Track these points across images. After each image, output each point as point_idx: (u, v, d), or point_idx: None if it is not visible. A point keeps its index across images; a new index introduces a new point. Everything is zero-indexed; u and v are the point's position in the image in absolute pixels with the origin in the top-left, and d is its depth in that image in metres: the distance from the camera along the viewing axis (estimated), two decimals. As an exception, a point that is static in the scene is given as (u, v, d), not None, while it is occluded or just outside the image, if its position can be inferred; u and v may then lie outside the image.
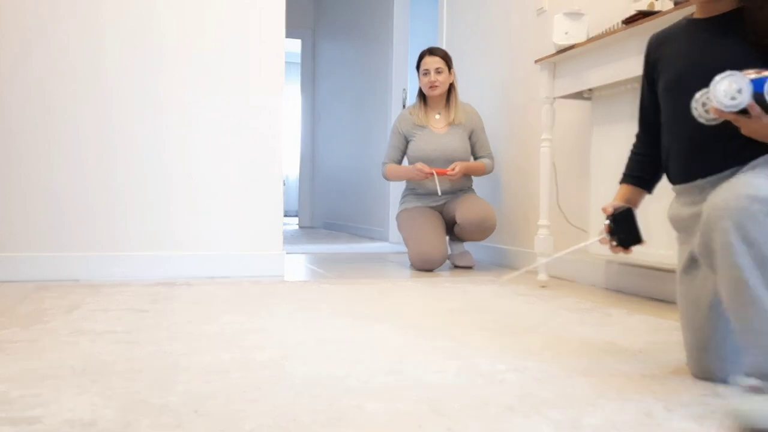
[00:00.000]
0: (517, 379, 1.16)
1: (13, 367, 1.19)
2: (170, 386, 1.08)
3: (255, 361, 1.25)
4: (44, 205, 2.45)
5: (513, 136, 3.23)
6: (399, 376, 1.16)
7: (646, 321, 1.75)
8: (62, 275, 2.45)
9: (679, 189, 1.26)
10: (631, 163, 1.42)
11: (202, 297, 2.03)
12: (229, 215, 2.64)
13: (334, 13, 6.34)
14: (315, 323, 1.63)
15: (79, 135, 2.49)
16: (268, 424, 0.91)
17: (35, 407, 0.97)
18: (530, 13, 3.11)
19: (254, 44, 2.66)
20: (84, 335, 1.46)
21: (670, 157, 1.26)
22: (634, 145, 1.43)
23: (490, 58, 3.46)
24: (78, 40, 2.48)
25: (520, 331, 1.58)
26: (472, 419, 0.95)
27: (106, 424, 0.90)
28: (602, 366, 1.26)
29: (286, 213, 9.58)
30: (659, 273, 2.22)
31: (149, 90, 2.56)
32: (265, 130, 2.68)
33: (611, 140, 2.27)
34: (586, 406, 1.01)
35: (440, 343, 1.43)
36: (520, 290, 2.31)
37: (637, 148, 1.41)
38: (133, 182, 2.54)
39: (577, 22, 2.27)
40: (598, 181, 2.33)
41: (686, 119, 1.17)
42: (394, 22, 4.76)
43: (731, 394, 1.08)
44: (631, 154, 1.43)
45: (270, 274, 2.66)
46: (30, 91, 2.44)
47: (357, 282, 2.44)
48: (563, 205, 2.79)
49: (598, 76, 2.21)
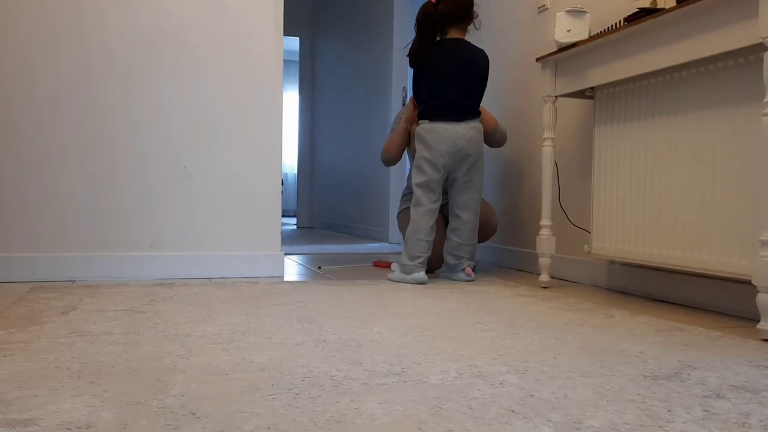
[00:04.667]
0: (517, 381, 1.15)
1: (9, 368, 1.18)
2: (168, 388, 1.07)
3: (253, 362, 1.25)
4: (41, 205, 2.44)
5: (514, 135, 3.22)
6: (399, 377, 1.15)
7: (648, 322, 1.74)
8: (59, 276, 2.44)
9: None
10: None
11: (200, 298, 2.02)
12: (227, 215, 2.63)
13: (333, 11, 6.33)
14: (314, 324, 1.62)
15: (76, 134, 2.48)
16: (267, 426, 0.90)
17: (32, 409, 0.96)
18: (531, 11, 3.10)
19: (252, 42, 2.65)
20: (81, 336, 1.45)
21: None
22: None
23: (491, 56, 3.45)
24: (74, 39, 2.47)
25: (521, 332, 1.57)
26: (473, 421, 0.94)
27: (103, 425, 0.89)
28: (604, 367, 1.25)
29: (284, 213, 9.59)
30: (661, 273, 2.21)
31: (147, 89, 2.55)
32: (264, 130, 2.67)
33: (614, 139, 2.26)
34: (587, 408, 1.00)
35: (440, 344, 1.42)
36: (521, 291, 2.30)
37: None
38: (130, 182, 2.53)
39: (579, 20, 2.26)
40: (601, 181, 2.32)
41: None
42: (394, 19, 4.75)
43: (733, 396, 1.07)
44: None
45: (268, 274, 2.65)
46: (26, 90, 2.43)
47: (356, 282, 2.43)
48: (565, 205, 2.78)
49: (601, 75, 2.20)
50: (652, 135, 2.07)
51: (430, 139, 2.57)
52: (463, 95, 2.60)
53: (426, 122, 2.61)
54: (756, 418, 0.96)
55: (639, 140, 2.13)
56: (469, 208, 2.62)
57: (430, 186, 2.58)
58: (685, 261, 1.93)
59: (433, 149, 2.56)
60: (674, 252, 1.98)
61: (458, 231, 2.62)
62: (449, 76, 2.60)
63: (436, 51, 2.64)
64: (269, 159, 2.68)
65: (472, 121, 2.61)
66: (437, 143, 2.55)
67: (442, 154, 2.56)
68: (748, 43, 1.64)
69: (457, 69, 2.61)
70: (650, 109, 2.09)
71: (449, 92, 2.58)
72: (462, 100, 2.59)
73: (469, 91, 2.61)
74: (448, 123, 2.56)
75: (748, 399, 1.06)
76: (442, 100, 2.58)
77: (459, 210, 2.63)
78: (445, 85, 2.59)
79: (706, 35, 1.77)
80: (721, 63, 1.83)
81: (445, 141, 2.55)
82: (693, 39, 1.81)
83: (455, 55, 2.63)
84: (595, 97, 2.35)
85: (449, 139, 2.55)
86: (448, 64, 2.61)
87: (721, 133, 1.83)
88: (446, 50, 2.64)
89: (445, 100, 2.58)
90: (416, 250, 2.57)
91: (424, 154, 2.59)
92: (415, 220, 2.60)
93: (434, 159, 2.56)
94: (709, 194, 1.87)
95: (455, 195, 2.63)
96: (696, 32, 1.80)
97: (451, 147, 2.55)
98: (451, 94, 2.58)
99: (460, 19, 2.65)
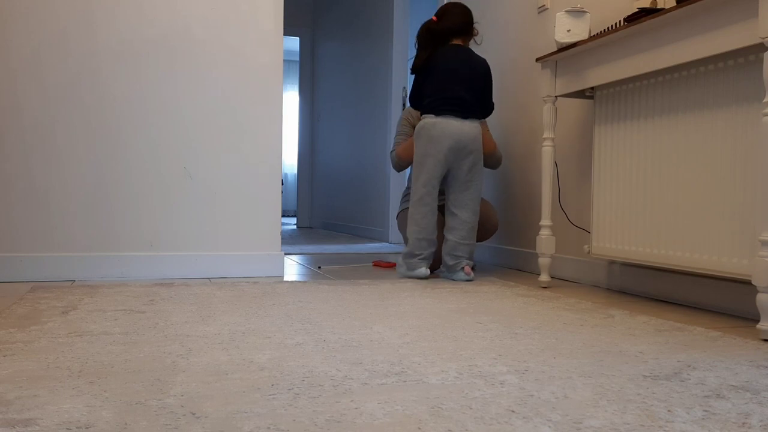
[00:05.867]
0: (517, 381, 1.15)
1: (9, 368, 1.18)
2: (168, 388, 1.07)
3: (253, 362, 1.25)
4: (41, 205, 2.44)
5: (514, 135, 3.22)
6: (399, 377, 1.15)
7: (648, 322, 1.74)
8: (59, 276, 2.44)
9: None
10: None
11: (200, 298, 2.02)
12: (227, 215, 2.63)
13: (332, 11, 6.33)
14: (314, 324, 1.62)
15: (75, 134, 2.48)
16: (267, 426, 0.90)
17: (32, 409, 0.96)
18: (531, 11, 3.10)
19: (252, 42, 2.65)
20: (81, 336, 1.45)
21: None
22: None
23: (491, 56, 3.45)
24: (75, 41, 2.47)
25: (521, 332, 1.57)
26: (473, 421, 0.94)
27: (103, 425, 0.89)
28: (604, 367, 1.25)
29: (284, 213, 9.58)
30: (661, 273, 2.21)
31: (146, 89, 2.54)
32: (264, 130, 2.67)
33: (614, 139, 2.26)
34: (587, 408, 1.00)
35: (440, 344, 1.42)
36: (521, 291, 2.30)
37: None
38: (131, 182, 2.53)
39: (579, 20, 2.26)
40: (601, 181, 2.32)
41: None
42: (394, 19, 4.75)
43: (733, 395, 1.07)
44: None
45: (268, 274, 2.65)
46: (25, 91, 2.43)
47: (356, 282, 2.43)
48: (565, 205, 2.78)
49: (601, 75, 2.20)
50: (652, 135, 2.07)
51: (434, 133, 2.58)
52: (467, 91, 2.62)
53: (431, 116, 2.61)
54: (756, 418, 0.96)
55: (639, 140, 2.13)
56: (467, 208, 2.62)
57: (432, 183, 2.59)
58: (685, 261, 1.93)
59: (437, 144, 2.57)
60: (674, 252, 1.98)
61: (456, 230, 2.62)
62: (454, 71, 2.63)
63: (440, 53, 2.69)
64: (269, 159, 2.68)
65: (474, 120, 2.62)
66: (442, 138, 2.56)
67: (445, 148, 2.56)
68: (748, 43, 1.64)
69: (461, 65, 2.64)
70: (650, 109, 2.09)
71: (455, 86, 2.61)
72: (466, 96, 2.61)
73: (473, 89, 2.64)
74: (453, 118, 2.58)
75: (748, 399, 1.06)
76: (449, 93, 2.60)
77: (457, 209, 2.62)
78: (451, 78, 2.62)
79: (706, 35, 1.77)
80: (721, 63, 1.83)
81: (450, 136, 2.56)
82: (693, 39, 1.81)
83: (459, 54, 2.67)
84: (595, 97, 2.35)
85: (454, 134, 2.56)
86: (453, 61, 2.65)
87: (721, 133, 1.83)
88: (449, 51, 2.69)
89: (451, 94, 2.60)
90: (417, 249, 2.60)
91: (428, 149, 2.59)
92: (417, 219, 2.61)
93: (437, 154, 2.57)
94: (709, 194, 1.87)
95: (454, 194, 2.63)
96: (696, 32, 1.80)
97: (455, 142, 2.56)
98: (457, 88, 2.61)
99: (461, 33, 2.73)
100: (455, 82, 2.61)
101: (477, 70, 2.67)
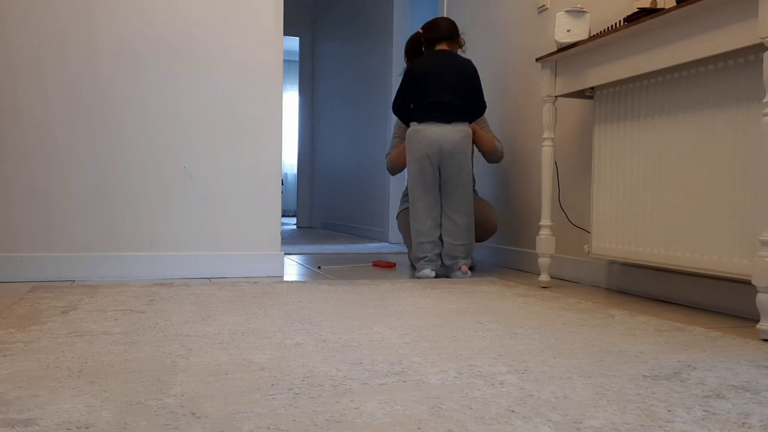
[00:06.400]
0: (517, 381, 1.15)
1: (9, 368, 1.18)
2: (168, 388, 1.07)
3: (253, 362, 1.24)
4: (41, 205, 2.44)
5: (514, 135, 3.22)
6: (398, 377, 1.15)
7: (648, 322, 1.74)
8: (59, 276, 2.44)
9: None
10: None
11: (200, 298, 2.02)
12: (226, 215, 2.63)
13: (332, 11, 6.33)
14: (314, 324, 1.62)
15: (75, 135, 2.48)
16: (267, 426, 0.90)
17: (31, 409, 0.96)
18: (531, 11, 3.10)
19: (252, 42, 2.65)
20: (81, 336, 1.45)
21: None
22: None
23: (490, 56, 3.45)
24: (75, 41, 2.47)
25: (521, 332, 1.57)
26: (473, 421, 0.94)
27: (103, 425, 0.89)
28: (604, 367, 1.25)
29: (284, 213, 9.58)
30: (661, 273, 2.21)
31: (146, 89, 2.54)
32: (263, 129, 2.67)
33: (614, 139, 2.26)
34: (587, 408, 1.00)
35: (440, 344, 1.42)
36: (521, 291, 2.30)
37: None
38: (131, 182, 2.53)
39: (579, 20, 2.26)
40: (601, 181, 2.32)
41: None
42: (394, 19, 4.75)
43: (733, 395, 1.07)
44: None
45: (268, 274, 2.65)
46: (25, 91, 2.43)
47: (356, 282, 2.43)
48: (565, 205, 2.78)
49: (601, 75, 2.20)
50: (652, 135, 2.07)
51: (416, 141, 2.65)
52: (453, 95, 2.66)
53: (415, 124, 2.70)
54: (756, 418, 0.96)
55: (639, 140, 2.13)
56: (459, 210, 2.68)
57: (421, 187, 2.66)
58: (685, 261, 1.93)
59: (417, 150, 2.65)
60: (674, 252, 1.98)
61: (450, 232, 2.68)
62: (438, 77, 2.68)
63: (423, 59, 2.77)
64: (269, 159, 2.68)
65: (460, 124, 2.66)
66: (422, 144, 2.64)
67: (424, 155, 2.64)
68: (748, 43, 1.64)
69: (445, 69, 2.69)
70: (650, 109, 2.09)
71: (437, 91, 2.66)
72: (449, 99, 2.65)
73: (459, 92, 2.68)
74: (435, 125, 2.63)
75: (748, 399, 1.06)
76: (430, 99, 2.66)
77: (450, 212, 2.69)
78: (433, 83, 2.67)
79: (706, 35, 1.77)
80: (721, 63, 1.83)
81: (429, 143, 2.63)
82: (693, 39, 1.81)
83: (444, 59, 2.73)
84: (595, 97, 2.35)
85: (434, 140, 2.63)
86: (437, 66, 2.70)
87: (721, 133, 1.83)
88: (433, 56, 2.76)
89: (433, 99, 2.66)
90: (420, 252, 2.66)
91: (411, 155, 2.68)
92: (413, 225, 2.70)
93: (419, 159, 2.65)
94: (709, 194, 1.87)
95: (446, 197, 2.69)
96: (696, 32, 1.80)
97: (436, 148, 2.63)
98: (439, 92, 2.66)
99: (447, 38, 2.80)
100: (440, 87, 2.67)
101: (462, 72, 2.71)
